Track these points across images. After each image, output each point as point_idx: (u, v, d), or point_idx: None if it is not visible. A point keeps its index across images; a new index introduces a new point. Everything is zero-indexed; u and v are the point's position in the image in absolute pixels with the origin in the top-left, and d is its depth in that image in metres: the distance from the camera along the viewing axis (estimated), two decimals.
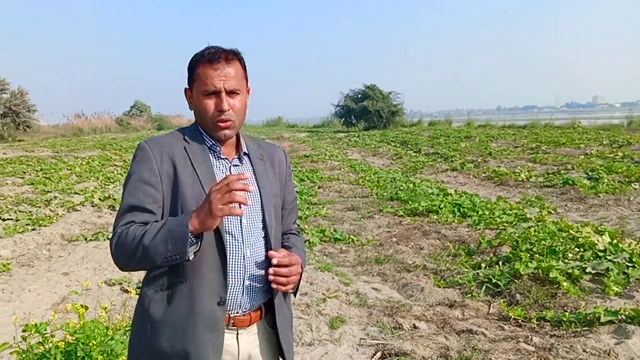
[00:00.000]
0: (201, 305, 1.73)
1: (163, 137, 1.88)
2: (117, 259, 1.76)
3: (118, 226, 1.75)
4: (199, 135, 1.88)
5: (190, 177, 1.78)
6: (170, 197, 1.78)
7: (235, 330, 1.84)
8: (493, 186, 12.52)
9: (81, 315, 3.45)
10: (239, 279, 1.80)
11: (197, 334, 1.72)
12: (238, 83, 1.82)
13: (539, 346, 4.07)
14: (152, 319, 1.76)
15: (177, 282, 1.74)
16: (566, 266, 5.40)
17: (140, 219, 1.74)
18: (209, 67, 1.78)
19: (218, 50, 1.80)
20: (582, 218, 8.51)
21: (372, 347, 4.27)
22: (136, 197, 1.75)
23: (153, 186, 1.76)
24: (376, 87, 36.13)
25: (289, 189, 2.08)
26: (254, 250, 1.83)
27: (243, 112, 1.88)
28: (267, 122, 52.37)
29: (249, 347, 1.88)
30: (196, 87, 1.82)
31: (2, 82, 26.64)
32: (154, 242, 1.63)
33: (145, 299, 1.80)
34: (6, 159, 16.71)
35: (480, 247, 6.80)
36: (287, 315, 2.00)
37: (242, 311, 1.84)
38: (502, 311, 4.86)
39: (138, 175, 1.77)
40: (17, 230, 7.85)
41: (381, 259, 6.76)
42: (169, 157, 1.79)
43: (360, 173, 15.25)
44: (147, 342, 1.77)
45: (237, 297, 1.81)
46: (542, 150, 16.52)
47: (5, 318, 4.74)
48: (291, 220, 2.12)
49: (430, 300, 5.33)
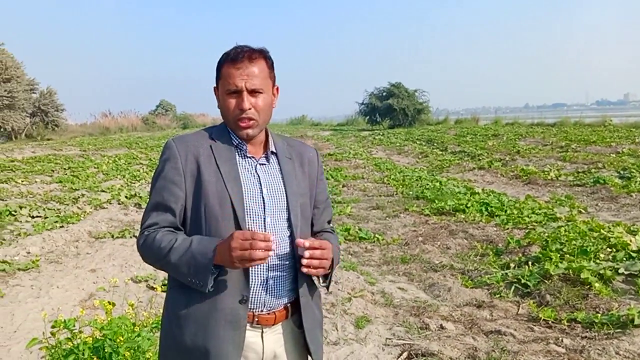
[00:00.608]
0: (223, 303, 1.74)
1: (190, 136, 1.90)
2: (143, 257, 1.84)
3: (144, 225, 1.82)
4: (226, 134, 1.89)
5: (214, 175, 1.79)
6: (192, 194, 1.80)
7: (260, 329, 1.84)
8: (521, 185, 12.34)
9: (109, 312, 3.48)
10: (262, 278, 1.81)
11: (218, 331, 1.74)
12: (261, 82, 1.81)
13: (570, 348, 3.99)
14: (177, 314, 1.79)
15: None
16: (598, 267, 5.28)
17: (164, 218, 1.79)
18: (232, 66, 1.79)
19: (243, 50, 1.81)
20: (614, 218, 8.33)
21: (398, 347, 4.23)
22: (161, 195, 1.81)
23: (177, 184, 1.79)
24: (401, 85, 35.94)
25: (321, 188, 2.06)
26: (278, 249, 1.82)
27: (267, 111, 1.86)
28: (291, 120, 52.38)
29: (273, 345, 1.87)
30: (221, 86, 1.84)
31: (31, 82, 27.13)
32: (179, 262, 1.70)
33: (171, 295, 1.85)
34: (35, 158, 17.00)
35: (508, 246, 6.69)
36: (317, 315, 1.97)
37: (267, 310, 1.83)
38: (532, 312, 4.77)
39: (164, 174, 1.82)
40: (45, 227, 7.97)
41: (407, 259, 6.70)
42: (193, 156, 1.81)
43: (385, 172, 15.15)
44: (173, 337, 1.80)
45: (261, 296, 1.81)
46: (571, 149, 16.25)
47: (35, 314, 4.80)
48: (325, 219, 2.09)
49: (457, 300, 5.25)
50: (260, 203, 1.82)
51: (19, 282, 5.73)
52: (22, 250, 6.80)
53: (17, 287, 5.58)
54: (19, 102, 24.85)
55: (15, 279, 5.81)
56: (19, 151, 18.64)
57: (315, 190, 2.02)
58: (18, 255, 6.63)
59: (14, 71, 24.74)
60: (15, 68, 25.06)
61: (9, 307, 5.00)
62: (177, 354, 1.80)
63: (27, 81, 26.43)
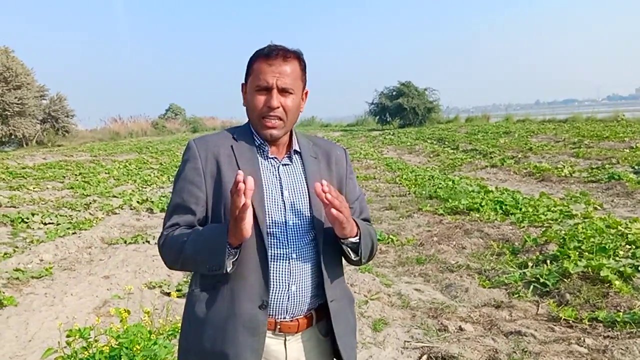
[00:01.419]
0: (241, 308, 1.70)
1: (211, 136, 1.87)
2: (164, 261, 1.81)
3: (165, 227, 1.79)
4: (249, 134, 1.85)
5: (234, 176, 1.71)
6: (212, 196, 1.76)
7: (283, 336, 1.79)
8: (535, 182, 12.23)
9: (124, 320, 3.44)
10: (283, 283, 1.74)
11: (236, 336, 1.69)
12: (293, 83, 1.77)
13: (592, 348, 3.91)
14: (196, 318, 1.75)
15: (219, 283, 1.72)
16: (617, 264, 5.19)
17: (184, 219, 1.77)
18: (264, 62, 1.75)
19: (277, 48, 1.77)
20: (630, 214, 8.21)
21: (417, 350, 4.16)
22: (181, 196, 1.78)
23: (197, 185, 1.76)
24: (411, 84, 35.79)
25: (350, 187, 1.98)
26: (301, 253, 1.76)
27: (295, 113, 1.82)
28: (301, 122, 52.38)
29: (297, 354, 1.82)
30: (250, 82, 1.79)
31: (41, 89, 27.22)
32: (194, 252, 1.67)
33: (191, 299, 1.81)
34: (46, 164, 17.04)
35: (525, 245, 6.60)
36: (350, 320, 1.92)
37: (290, 317, 1.78)
38: (552, 312, 4.68)
39: (184, 174, 1.79)
40: (58, 234, 7.96)
41: (422, 259, 6.63)
42: (214, 157, 1.78)
43: (396, 171, 15.07)
44: (192, 341, 1.77)
45: (283, 302, 1.75)
46: (584, 145, 16.09)
47: (49, 322, 4.78)
48: (359, 218, 1.97)
49: (475, 301, 5.18)
50: (281, 205, 1.77)
51: (33, 290, 5.71)
52: (36, 257, 6.79)
53: (31, 295, 5.56)
54: (29, 109, 24.93)
55: (29, 287, 5.80)
56: (30, 158, 18.71)
57: (344, 189, 1.95)
58: (31, 263, 6.61)
59: (24, 78, 24.81)
60: (26, 75, 25.14)
61: (23, 316, 4.98)
62: (196, 357, 1.76)
63: (37, 88, 26.47)
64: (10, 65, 24.14)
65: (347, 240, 1.76)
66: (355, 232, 1.76)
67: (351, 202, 1.96)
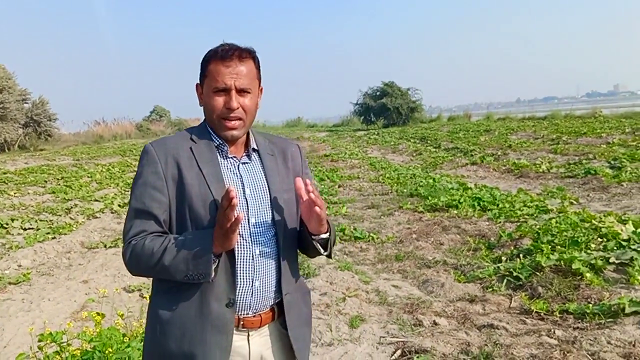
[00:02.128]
0: (210, 307, 1.72)
1: (169, 139, 1.87)
2: (131, 269, 1.78)
3: (129, 235, 1.75)
4: (207, 135, 1.86)
5: (197, 178, 1.75)
6: (175, 199, 1.76)
7: (246, 332, 1.82)
8: (513, 179, 12.36)
9: (98, 323, 3.45)
10: (247, 280, 1.77)
11: (204, 336, 1.71)
12: (250, 82, 1.79)
13: (562, 339, 3.99)
14: (161, 320, 1.76)
15: (185, 284, 1.73)
16: (589, 257, 5.29)
17: (149, 226, 1.74)
18: (221, 64, 1.76)
19: (232, 48, 1.78)
20: (605, 208, 8.34)
21: (392, 345, 4.23)
22: (142, 202, 1.75)
23: (159, 190, 1.75)
24: (394, 84, 35.93)
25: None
26: (263, 249, 1.80)
27: (253, 112, 1.84)
28: (287, 122, 52.16)
29: (260, 348, 1.85)
30: (207, 84, 1.80)
31: (23, 92, 26.81)
32: (175, 261, 1.66)
33: (156, 301, 1.81)
34: (28, 169, 16.79)
35: (500, 240, 6.70)
36: (303, 313, 1.96)
37: (252, 312, 1.81)
38: (524, 305, 4.78)
39: (144, 179, 1.76)
40: (37, 239, 7.92)
41: (401, 256, 6.70)
42: (173, 159, 1.77)
43: (380, 171, 15.15)
44: (157, 343, 1.77)
45: (247, 298, 1.78)
46: (562, 141, 16.27)
47: (25, 328, 4.77)
48: None
49: (450, 295, 5.26)
50: (244, 203, 1.79)
51: (10, 296, 5.70)
52: (14, 263, 6.78)
53: (8, 301, 5.55)
54: (11, 113, 24.55)
55: (6, 293, 5.79)
56: (12, 163, 18.45)
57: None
58: (9, 268, 6.59)
59: (5, 82, 24.47)
60: (7, 79, 24.80)
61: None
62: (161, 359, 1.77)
63: (18, 91, 26.08)
64: None
65: (318, 236, 1.82)
66: (327, 228, 1.82)
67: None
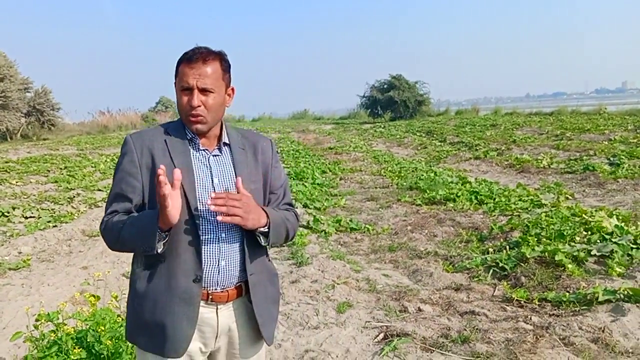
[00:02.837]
0: (177, 282, 1.94)
1: (147, 131, 2.09)
2: (106, 242, 2.02)
3: (106, 213, 2.01)
4: (181, 129, 2.07)
5: (168, 167, 1.90)
6: (148, 185, 1.98)
7: (215, 306, 2.03)
8: (514, 174, 12.50)
9: (93, 305, 3.65)
10: (214, 259, 1.98)
11: (172, 307, 1.93)
12: (212, 83, 1.97)
13: (537, 325, 4.17)
14: (138, 293, 1.99)
15: (157, 261, 1.95)
16: (572, 249, 5.45)
17: (122, 207, 1.98)
18: (187, 66, 1.95)
19: (200, 50, 1.97)
20: (599, 203, 8.48)
21: (376, 329, 4.40)
22: (119, 186, 1.99)
23: (133, 176, 1.97)
24: (402, 77, 35.89)
25: (275, 175, 2.21)
26: (229, 233, 2.00)
27: (216, 110, 2.01)
28: (293, 115, 52.09)
29: (227, 320, 2.07)
30: (177, 83, 2.00)
31: (25, 81, 26.52)
32: (130, 236, 1.89)
33: (133, 277, 2.04)
34: (31, 158, 16.76)
35: (492, 233, 6.86)
36: (269, 291, 2.16)
37: (220, 288, 2.02)
38: (506, 293, 4.95)
39: (122, 167, 2.00)
40: (38, 227, 8.08)
41: (394, 247, 6.87)
42: (148, 150, 1.99)
43: (382, 164, 15.29)
44: (135, 314, 2.01)
45: (214, 276, 1.99)
46: (566, 137, 16.36)
47: (24, 311, 4.99)
48: (282, 202, 2.23)
49: (438, 284, 5.44)
50: (212, 191, 1.98)
51: (10, 281, 5.89)
52: (14, 250, 6.95)
53: (8, 286, 5.74)
54: (12, 102, 24.37)
55: (6, 278, 5.98)
56: (14, 152, 18.38)
57: (269, 176, 2.18)
58: (9, 255, 6.77)
59: (6, 70, 24.19)
60: (8, 67, 24.52)
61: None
62: (140, 329, 2.01)
63: (20, 80, 25.82)
64: None
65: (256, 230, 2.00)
66: (264, 223, 2.00)
67: (275, 188, 2.21)
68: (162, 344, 1.95)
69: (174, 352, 1.95)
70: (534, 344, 3.85)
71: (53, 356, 3.25)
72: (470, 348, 3.91)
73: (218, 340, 2.08)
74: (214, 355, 2.14)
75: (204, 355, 2.09)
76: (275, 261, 6.30)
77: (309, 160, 16.40)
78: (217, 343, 2.09)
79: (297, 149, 20.14)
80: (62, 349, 3.27)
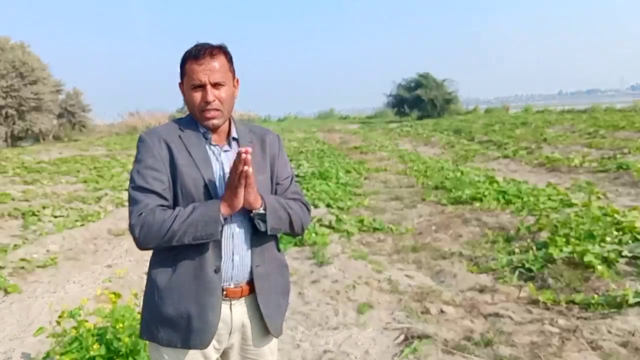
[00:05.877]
0: (202, 272, 1.94)
1: (159, 127, 2.11)
2: (141, 241, 1.93)
3: (137, 209, 1.92)
4: (193, 124, 2.07)
5: (186, 160, 1.97)
6: (170, 179, 1.98)
7: (229, 301, 2.03)
8: (545, 173, 12.19)
9: (114, 302, 3.69)
10: (229, 254, 2.00)
11: (199, 297, 1.95)
12: (223, 76, 1.99)
13: (564, 328, 4.03)
14: (159, 287, 1.98)
15: (180, 255, 1.95)
16: (602, 250, 5.26)
17: (154, 200, 1.93)
18: (194, 63, 1.96)
19: (203, 47, 1.98)
20: (632, 203, 8.18)
21: (397, 331, 4.30)
22: (146, 181, 1.95)
23: (159, 171, 1.96)
24: (430, 75, 35.65)
25: (281, 165, 2.22)
26: (241, 226, 2.02)
27: (229, 102, 2.04)
28: (319, 114, 51.97)
29: (241, 317, 2.08)
30: (186, 82, 2.01)
31: (57, 84, 27.24)
32: (184, 225, 1.87)
33: (153, 272, 2.03)
34: (62, 159, 17.15)
35: (519, 233, 6.67)
36: (278, 282, 2.16)
37: (234, 284, 2.03)
38: (532, 295, 4.78)
39: (144, 164, 1.97)
40: (66, 226, 8.18)
41: (418, 247, 6.73)
42: (165, 143, 1.99)
43: (408, 163, 15.11)
44: (155, 309, 1.99)
45: (229, 270, 2.00)
46: (599, 135, 15.96)
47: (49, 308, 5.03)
48: (289, 192, 2.22)
49: (462, 285, 5.29)
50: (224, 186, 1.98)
51: (37, 278, 5.97)
52: (42, 248, 7.04)
53: (35, 283, 5.82)
54: (45, 104, 25.02)
55: (34, 276, 6.06)
56: (46, 153, 18.83)
57: (276, 167, 2.19)
58: (38, 253, 6.85)
59: (40, 73, 24.93)
60: (42, 70, 25.27)
61: (25, 302, 5.25)
62: (160, 323, 1.98)
63: (53, 82, 26.55)
64: (26, 60, 24.33)
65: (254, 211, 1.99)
66: (260, 204, 1.98)
67: (281, 178, 2.21)
68: (187, 336, 1.95)
69: (200, 343, 1.96)
70: (560, 348, 3.72)
71: (74, 352, 3.33)
72: (493, 351, 3.80)
73: (232, 337, 2.09)
74: (227, 353, 2.14)
75: (218, 352, 2.10)
76: (296, 261, 6.24)
77: (334, 160, 16.28)
78: (231, 340, 2.09)
79: (322, 148, 20.06)
80: (82, 345, 3.34)
